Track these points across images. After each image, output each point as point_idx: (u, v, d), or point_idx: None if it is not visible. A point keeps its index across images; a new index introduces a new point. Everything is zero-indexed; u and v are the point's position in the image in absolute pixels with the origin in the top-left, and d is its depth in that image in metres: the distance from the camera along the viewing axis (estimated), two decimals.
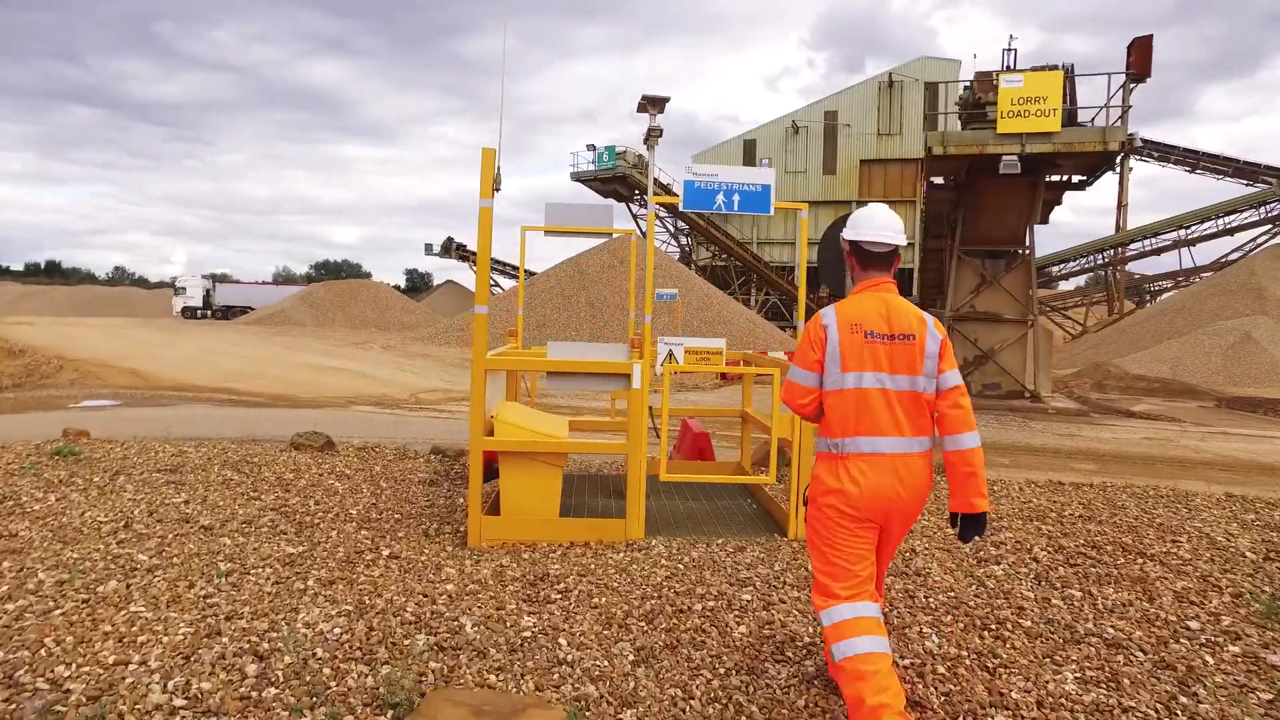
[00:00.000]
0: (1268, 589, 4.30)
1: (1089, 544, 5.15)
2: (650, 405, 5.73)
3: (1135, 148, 18.91)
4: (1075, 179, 17.07)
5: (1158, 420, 15.59)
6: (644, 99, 5.46)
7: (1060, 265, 39.62)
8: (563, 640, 3.42)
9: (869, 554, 2.87)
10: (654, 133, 5.45)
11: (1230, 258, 35.83)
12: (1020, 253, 17.41)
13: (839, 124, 40.80)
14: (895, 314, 2.86)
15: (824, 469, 2.89)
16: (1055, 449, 11.53)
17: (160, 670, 2.95)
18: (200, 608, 3.59)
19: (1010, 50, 16.00)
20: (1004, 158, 14.32)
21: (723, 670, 3.23)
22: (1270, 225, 34.19)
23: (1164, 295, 39.06)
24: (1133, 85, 15.29)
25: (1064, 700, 3.04)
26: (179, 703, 2.76)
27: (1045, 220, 17.84)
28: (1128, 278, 39.92)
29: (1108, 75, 15.56)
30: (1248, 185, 35.15)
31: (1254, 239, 35.05)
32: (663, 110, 5.58)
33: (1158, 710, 2.99)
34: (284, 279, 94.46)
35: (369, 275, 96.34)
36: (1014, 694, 3.08)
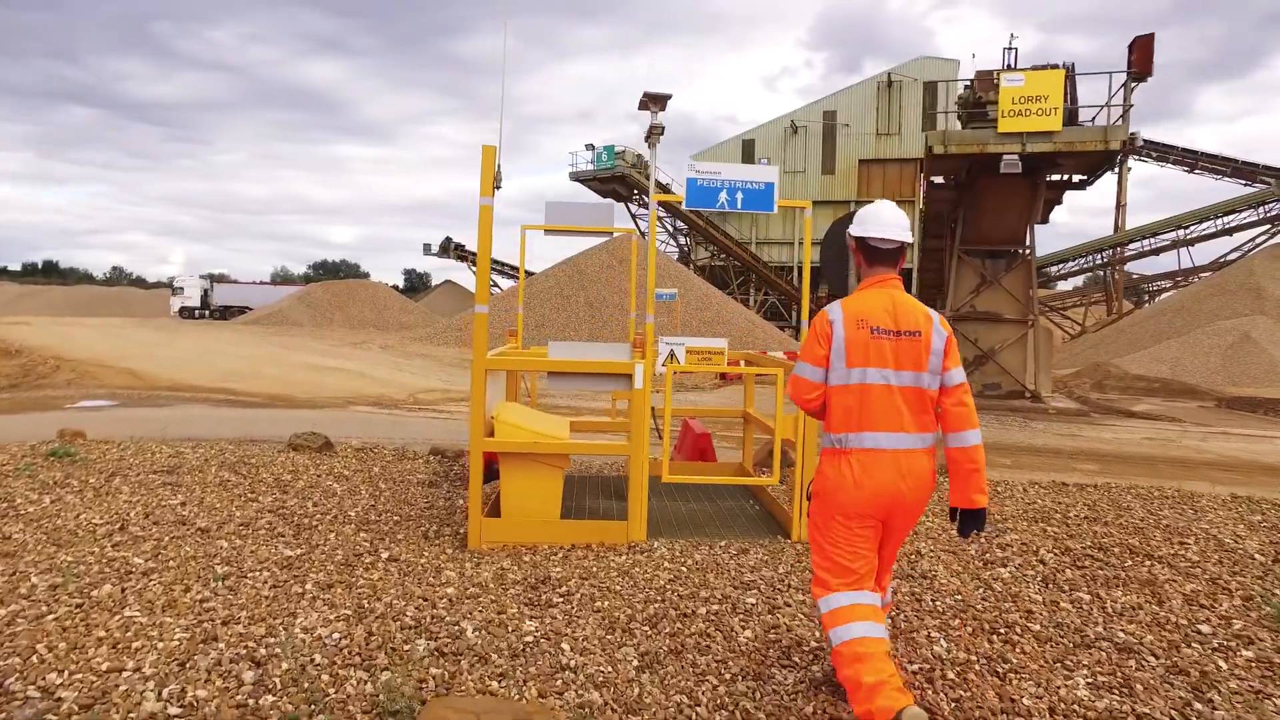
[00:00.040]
0: (1278, 592, 4.25)
1: (1095, 546, 5.10)
2: (652, 406, 5.67)
3: (1136, 147, 18.84)
4: (1076, 178, 17.03)
5: (1158, 420, 15.54)
6: (645, 96, 5.39)
7: (1059, 265, 39.59)
8: (565, 645, 3.36)
9: (868, 551, 2.88)
10: (655, 130, 5.38)
11: (1229, 258, 35.82)
12: (1021, 252, 17.37)
13: (838, 124, 40.71)
14: (901, 310, 2.87)
15: (828, 464, 2.90)
16: (1057, 449, 11.47)
17: (155, 677, 2.88)
18: (196, 612, 3.52)
19: (1011, 49, 15.97)
20: (1005, 157, 14.28)
21: (729, 676, 3.18)
22: (1269, 225, 34.17)
23: (1163, 295, 39.04)
24: (1134, 84, 15.26)
25: (1077, 707, 2.98)
26: (174, 711, 2.70)
27: (1045, 220, 17.81)
28: (1126, 278, 39.89)
29: (1109, 74, 15.54)
30: (1246, 185, 35.13)
31: (1253, 239, 35.05)
32: (664, 108, 5.50)
33: (1173, 717, 2.94)
34: (282, 279, 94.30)
35: (367, 275, 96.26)
36: (1025, 700, 3.02)
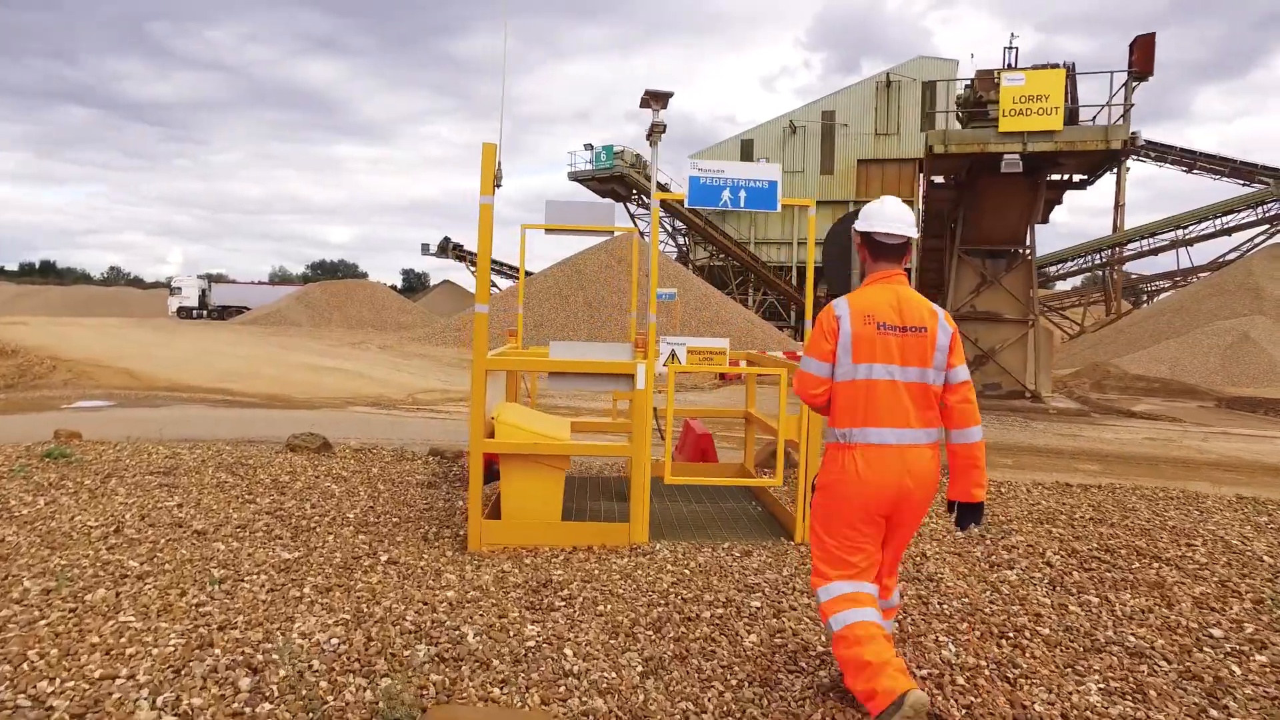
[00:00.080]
0: None
1: (1102, 547, 5.05)
2: (654, 407, 5.61)
3: (1136, 147, 18.79)
4: (1076, 178, 16.98)
5: (1159, 420, 15.51)
6: (647, 93, 5.33)
7: (1058, 265, 39.56)
8: (568, 650, 3.30)
9: (868, 547, 2.88)
10: (657, 128, 5.32)
11: (1228, 258, 35.82)
12: (1021, 252, 17.32)
13: (836, 124, 40.70)
14: (907, 306, 2.87)
15: (833, 459, 2.90)
16: (1058, 449, 11.43)
17: (149, 685, 2.81)
18: (192, 617, 3.46)
19: (1011, 48, 15.91)
20: (1006, 157, 14.21)
21: (735, 682, 3.12)
22: (1268, 225, 34.16)
23: (1162, 295, 39.03)
24: (1135, 83, 15.21)
25: (1089, 713, 2.93)
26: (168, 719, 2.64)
27: (1046, 220, 17.75)
28: (1124, 278, 39.88)
29: (1110, 73, 15.49)
30: (1244, 185, 35.11)
31: (1251, 239, 35.05)
32: (666, 105, 5.44)
33: None
34: (280, 279, 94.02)
35: (365, 275, 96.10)
36: (1037, 706, 2.97)
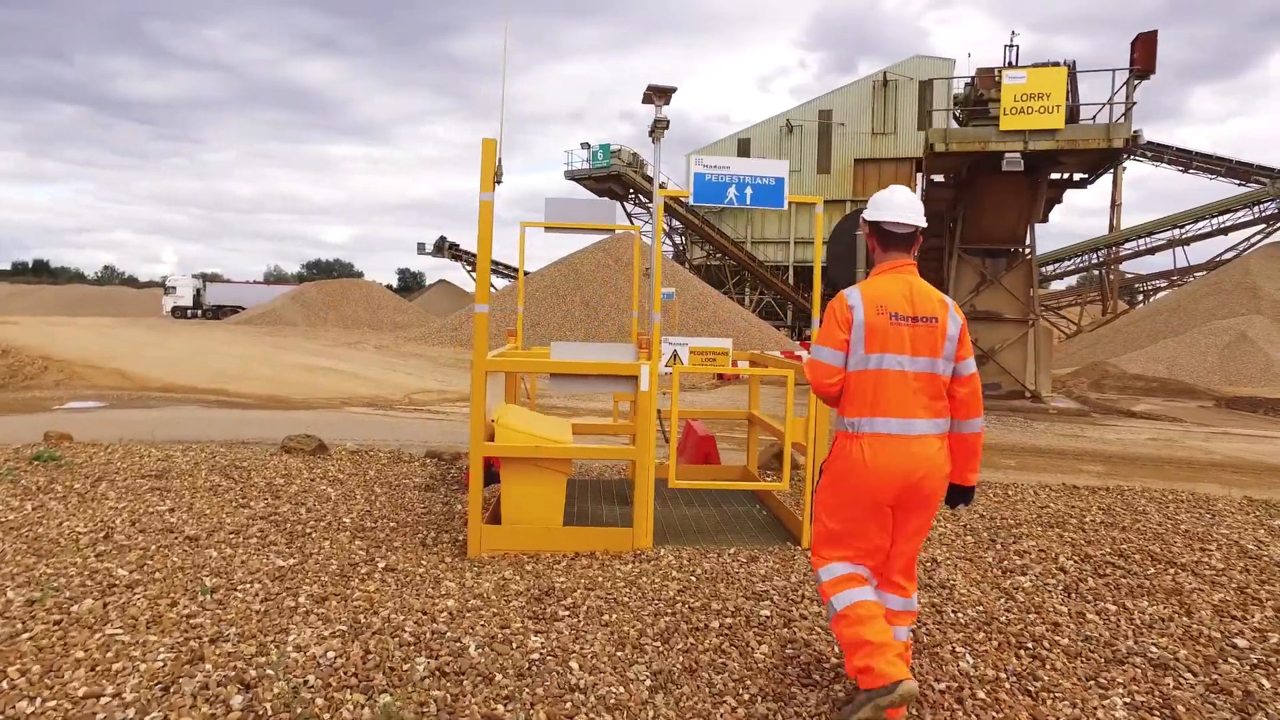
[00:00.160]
0: None
1: (1116, 552, 4.94)
2: (658, 409, 5.49)
3: (1139, 145, 18.73)
4: (1077, 177, 16.91)
5: (1159, 420, 15.45)
6: (650, 89, 5.22)
7: (1054, 265, 39.54)
8: (574, 663, 3.18)
9: (871, 533, 2.88)
10: (660, 124, 5.21)
11: (1224, 257, 35.84)
12: (1021, 251, 17.25)
13: (833, 123, 40.62)
14: (918, 296, 2.86)
15: (841, 447, 2.89)
16: (1060, 450, 11.35)
17: (135, 704, 2.69)
18: (182, 629, 3.33)
19: (1012, 46, 15.82)
20: (1007, 155, 14.14)
21: (747, 697, 3.00)
22: (1264, 225, 34.18)
23: (1158, 295, 39.03)
24: (1137, 81, 15.13)
25: None
26: None
27: (1046, 219, 17.68)
28: (1120, 277, 39.88)
29: (1111, 72, 15.41)
30: (1240, 185, 35.12)
31: (1248, 238, 35.07)
32: (668, 101, 5.34)
33: None
34: (275, 278, 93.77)
35: (361, 275, 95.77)
36: None
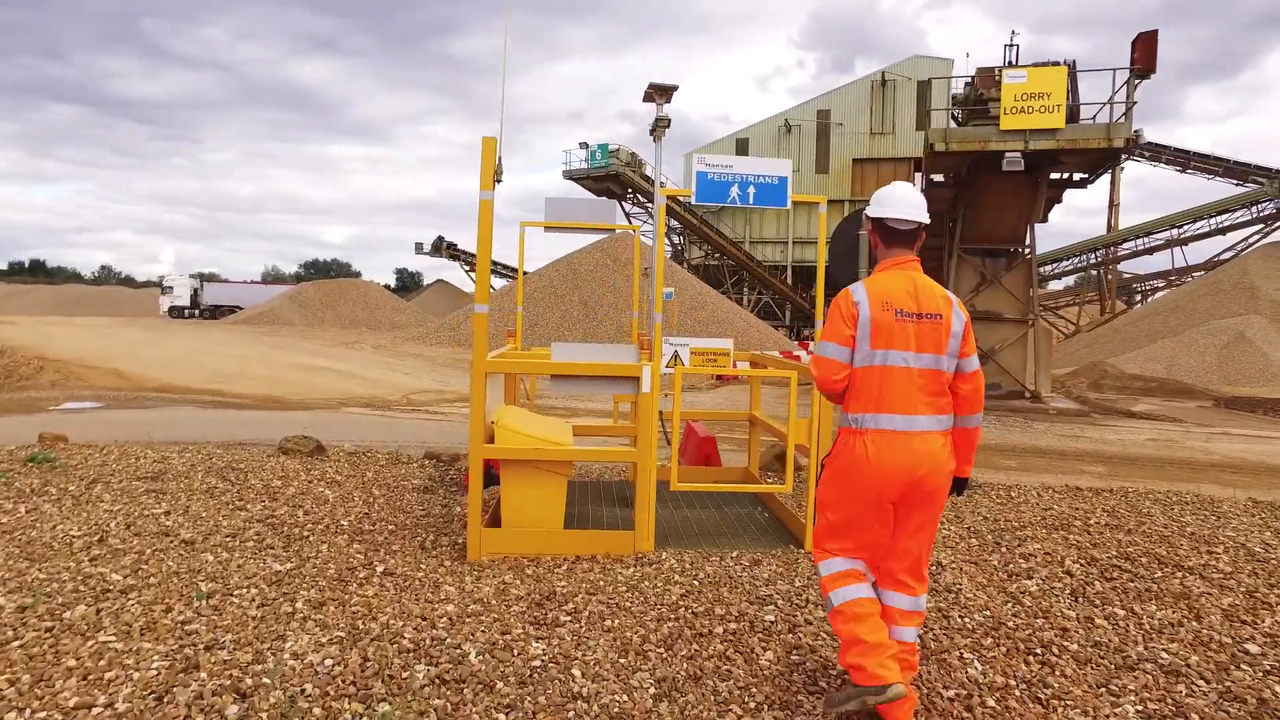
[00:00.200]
0: None
1: (1122, 555, 4.90)
2: (659, 410, 5.43)
3: (1139, 145, 18.73)
4: (1077, 177, 16.88)
5: (1159, 420, 15.42)
6: (651, 87, 5.17)
7: (1052, 265, 39.54)
8: (576, 671, 3.12)
9: (871, 527, 2.88)
10: (661, 123, 5.16)
11: (1222, 257, 35.86)
12: (1020, 251, 17.21)
13: (832, 123, 40.60)
14: (923, 293, 2.85)
15: (844, 442, 2.89)
16: (1061, 450, 11.31)
17: (128, 715, 2.63)
18: (177, 636, 3.27)
19: (1012, 46, 15.78)
20: (1007, 154, 14.10)
21: (753, 705, 2.95)
22: (1262, 225, 34.20)
23: (1156, 295, 39.03)
24: (1137, 81, 15.09)
25: None
26: None
27: (1046, 219, 17.65)
28: (1118, 277, 39.88)
29: (1112, 71, 15.37)
30: (1238, 185, 35.12)
31: (1246, 238, 35.08)
32: (670, 99, 5.29)
33: None
34: (273, 278, 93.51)
35: (359, 274, 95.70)
36: None
